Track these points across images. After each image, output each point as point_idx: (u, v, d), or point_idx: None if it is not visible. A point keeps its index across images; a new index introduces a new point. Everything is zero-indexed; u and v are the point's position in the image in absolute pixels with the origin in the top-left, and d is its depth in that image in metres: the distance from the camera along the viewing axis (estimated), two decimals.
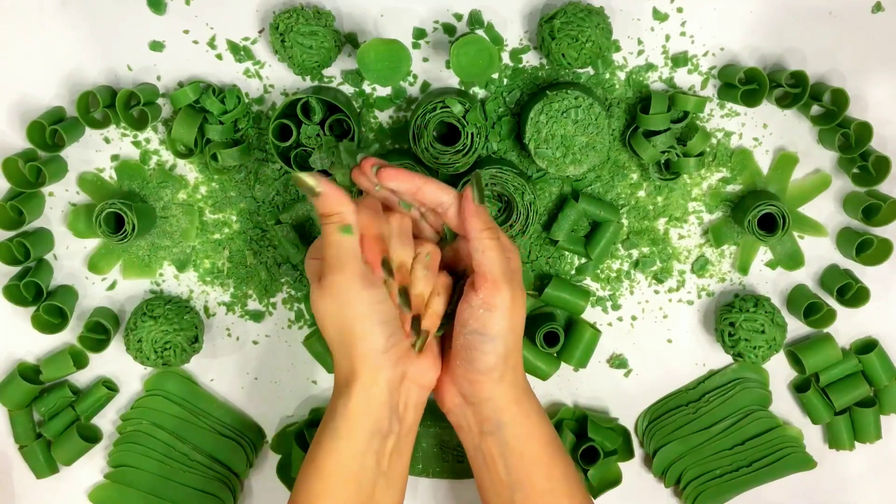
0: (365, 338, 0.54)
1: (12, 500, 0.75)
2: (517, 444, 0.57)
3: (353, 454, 0.54)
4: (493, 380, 0.56)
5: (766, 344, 0.69)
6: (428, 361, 0.57)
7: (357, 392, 0.54)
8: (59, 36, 0.69)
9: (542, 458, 0.57)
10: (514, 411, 0.57)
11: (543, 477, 0.57)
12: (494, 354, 0.55)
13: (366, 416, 0.54)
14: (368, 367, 0.54)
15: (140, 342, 0.69)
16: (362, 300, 0.54)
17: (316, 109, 0.65)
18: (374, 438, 0.54)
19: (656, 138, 0.67)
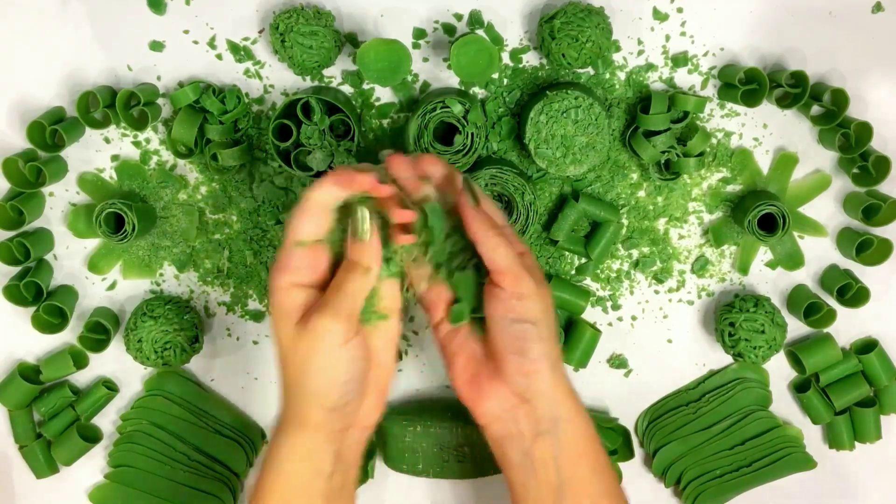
0: (320, 394, 0.52)
1: (12, 500, 0.75)
2: (571, 440, 0.55)
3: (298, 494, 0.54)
4: (549, 367, 0.54)
5: (766, 344, 0.69)
6: (373, 402, 0.56)
7: (302, 438, 0.53)
8: (59, 36, 0.69)
9: (594, 452, 0.56)
10: (570, 405, 0.55)
11: (593, 472, 0.55)
12: (542, 340, 0.54)
13: (308, 460, 0.54)
14: (314, 420, 0.53)
15: (140, 342, 0.69)
16: (339, 357, 0.52)
17: (316, 109, 0.65)
18: (317, 480, 0.54)
19: (656, 138, 0.67)
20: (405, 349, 0.75)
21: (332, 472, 0.54)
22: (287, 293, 0.53)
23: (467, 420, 0.71)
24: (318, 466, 0.54)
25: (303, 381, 0.53)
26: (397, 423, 0.72)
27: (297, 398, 0.53)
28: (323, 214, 0.54)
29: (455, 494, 0.76)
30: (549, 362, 0.54)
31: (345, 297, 0.52)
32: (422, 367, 0.75)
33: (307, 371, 0.52)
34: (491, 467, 0.73)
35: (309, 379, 0.52)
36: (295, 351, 0.52)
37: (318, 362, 0.52)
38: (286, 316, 0.52)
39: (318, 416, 0.53)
